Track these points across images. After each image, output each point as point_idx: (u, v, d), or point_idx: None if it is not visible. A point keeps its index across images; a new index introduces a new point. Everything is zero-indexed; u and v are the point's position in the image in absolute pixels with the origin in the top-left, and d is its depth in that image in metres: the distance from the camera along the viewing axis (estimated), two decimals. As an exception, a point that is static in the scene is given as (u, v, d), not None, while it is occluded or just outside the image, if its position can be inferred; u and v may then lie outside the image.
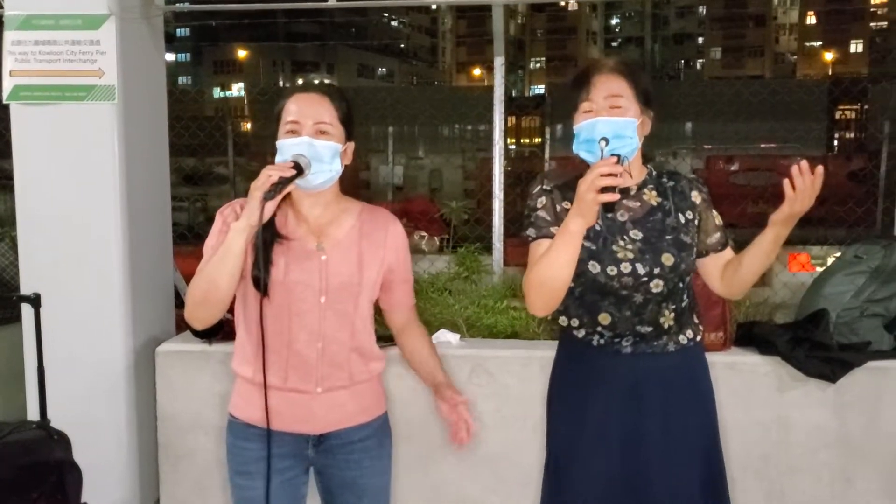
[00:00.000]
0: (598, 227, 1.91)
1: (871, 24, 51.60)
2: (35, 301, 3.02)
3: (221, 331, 3.07)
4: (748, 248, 1.96)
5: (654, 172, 2.09)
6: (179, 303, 3.62)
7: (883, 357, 2.92)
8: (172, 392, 3.07)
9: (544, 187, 2.08)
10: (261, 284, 1.89)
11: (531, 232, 2.03)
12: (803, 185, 1.75)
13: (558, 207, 2.02)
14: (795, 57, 60.80)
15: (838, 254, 3.34)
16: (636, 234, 2.00)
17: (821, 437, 2.89)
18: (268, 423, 1.90)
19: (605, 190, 1.70)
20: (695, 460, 2.07)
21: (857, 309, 3.01)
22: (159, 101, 3.42)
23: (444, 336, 3.09)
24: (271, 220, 1.91)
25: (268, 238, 1.90)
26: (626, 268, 1.96)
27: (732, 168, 12.45)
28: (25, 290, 3.08)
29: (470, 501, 3.00)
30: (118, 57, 3.04)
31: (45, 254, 3.11)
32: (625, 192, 1.89)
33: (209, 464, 3.05)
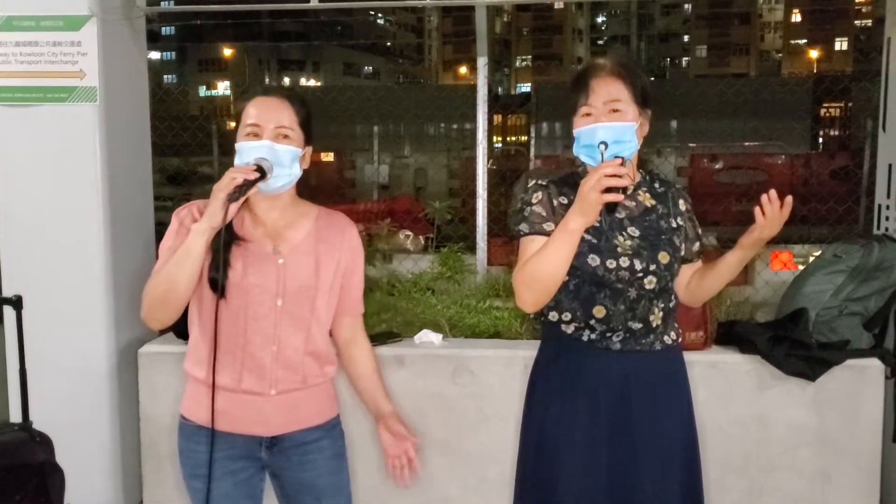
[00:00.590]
0: (597, 224, 1.93)
1: (856, 21, 51.93)
2: (17, 303, 3.00)
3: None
4: (712, 266, 2.05)
5: (648, 177, 2.14)
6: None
7: (861, 355, 2.95)
8: (155, 393, 3.07)
9: (540, 182, 2.10)
10: (218, 286, 1.90)
11: (524, 227, 2.04)
12: (772, 213, 1.86)
13: (555, 202, 2.04)
14: (780, 55, 61.14)
15: (819, 252, 3.37)
16: (634, 230, 2.03)
17: (800, 435, 2.92)
18: (212, 422, 1.91)
19: (608, 190, 1.74)
20: (676, 461, 2.09)
21: (837, 308, 3.04)
22: (141, 103, 3.42)
23: (427, 336, 3.10)
24: (228, 223, 1.91)
25: (226, 240, 1.90)
26: (624, 262, 1.99)
27: (717, 166, 12.50)
28: (7, 292, 3.07)
29: (452, 500, 3.02)
30: (100, 58, 3.04)
31: (27, 256, 3.10)
32: (622, 190, 1.92)
33: (193, 465, 3.04)
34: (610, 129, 1.91)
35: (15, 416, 3.07)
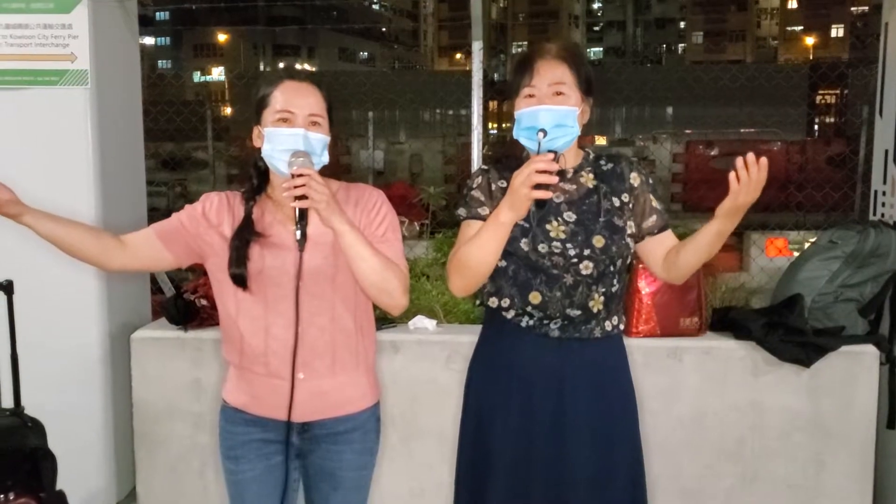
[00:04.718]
0: (532, 209, 1.86)
1: (852, 8, 51.81)
2: (7, 288, 2.97)
3: (196, 317, 3.06)
4: (690, 238, 1.93)
5: (592, 156, 2.09)
6: (155, 289, 3.59)
7: (856, 342, 2.95)
8: (148, 379, 3.05)
9: (483, 167, 2.11)
10: (240, 281, 1.90)
11: (462, 211, 2.04)
12: (747, 177, 1.72)
13: (493, 186, 2.03)
14: (777, 41, 61.03)
15: (815, 238, 3.37)
16: (570, 215, 2.00)
17: (795, 421, 2.92)
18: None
19: (538, 187, 1.71)
20: (616, 450, 2.06)
21: (832, 294, 3.04)
22: (133, 86, 3.39)
23: (422, 322, 3.09)
24: (249, 220, 1.92)
25: (247, 238, 1.90)
26: (556, 247, 1.96)
27: (712, 153, 12.51)
28: (-3, 277, 3.04)
29: (445, 486, 3.00)
30: (91, 41, 3.00)
31: (18, 240, 3.05)
32: (561, 174, 1.88)
33: (185, 450, 3.04)
34: (552, 113, 1.88)
35: (7, 402, 3.05)
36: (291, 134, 1.86)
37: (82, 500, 3.07)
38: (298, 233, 1.81)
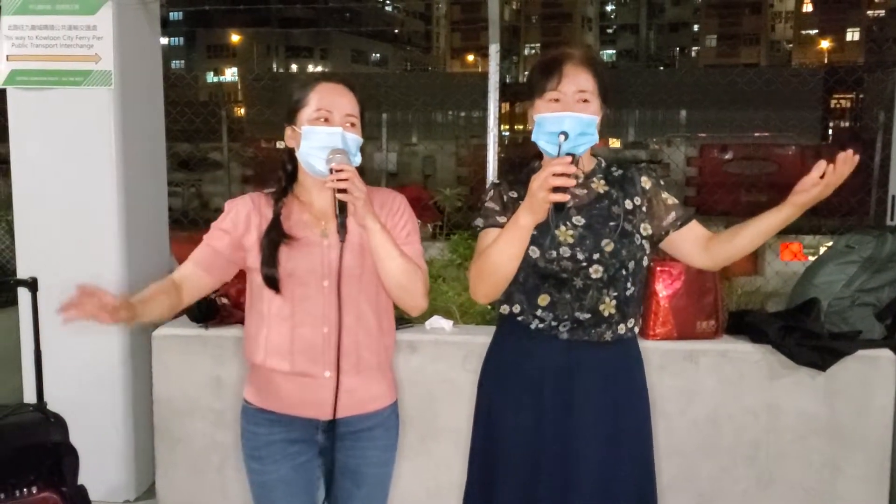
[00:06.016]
0: (550, 212, 1.86)
1: (868, 12, 51.49)
2: (32, 285, 3.02)
3: (217, 316, 3.09)
4: (748, 224, 1.95)
5: (604, 163, 2.11)
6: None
7: (873, 346, 2.95)
8: (168, 376, 3.09)
9: (494, 182, 2.14)
10: (271, 281, 1.93)
11: (479, 222, 2.06)
12: (833, 174, 1.78)
13: (505, 197, 2.05)
14: (791, 45, 60.75)
15: (830, 243, 3.37)
16: (579, 220, 2.00)
17: (810, 424, 2.93)
18: None
19: (556, 190, 1.72)
20: (625, 452, 2.06)
21: (848, 298, 3.05)
22: (156, 86, 3.43)
23: (438, 322, 3.12)
24: (277, 220, 1.95)
25: (275, 239, 1.93)
26: (565, 252, 1.97)
27: (726, 157, 12.47)
28: (22, 274, 3.09)
29: (461, 486, 3.02)
30: (115, 42, 3.04)
31: (42, 238, 3.12)
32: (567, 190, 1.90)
33: (205, 447, 3.07)
34: (577, 121, 1.88)
35: (30, 398, 3.10)
36: (330, 132, 1.89)
37: (102, 495, 3.12)
38: (339, 224, 1.84)
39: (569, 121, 1.88)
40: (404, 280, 1.91)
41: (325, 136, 1.89)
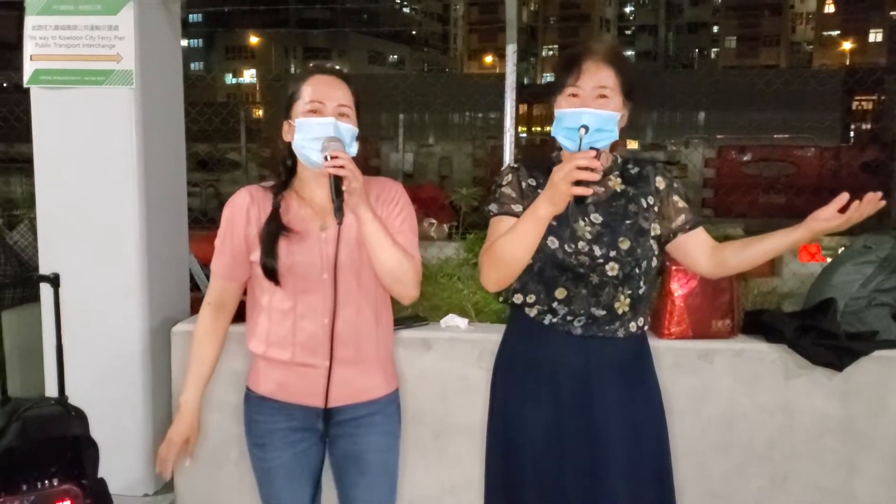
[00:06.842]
0: (570, 205, 1.86)
1: (892, 13, 50.95)
2: (54, 281, 3.07)
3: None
4: (758, 239, 1.96)
5: (621, 160, 2.11)
6: (194, 285, 3.67)
7: (890, 346, 2.93)
8: (188, 371, 3.11)
9: (512, 165, 2.13)
10: (271, 273, 1.97)
11: (493, 207, 2.06)
12: (858, 215, 1.83)
13: (523, 184, 2.05)
14: (812, 46, 60.27)
15: (849, 243, 3.35)
16: (597, 217, 2.02)
17: (826, 425, 2.92)
18: None
19: (579, 183, 1.72)
20: (644, 447, 2.08)
21: (865, 298, 3.03)
22: (176, 87, 3.46)
23: (453, 321, 3.13)
24: (276, 213, 1.98)
25: (274, 231, 1.97)
26: (583, 247, 1.98)
27: (745, 158, 12.40)
28: (44, 270, 3.14)
29: (475, 483, 3.04)
30: (136, 42, 3.08)
31: (64, 235, 3.16)
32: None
33: (222, 441, 3.10)
34: (595, 116, 1.89)
35: (51, 391, 3.15)
36: (321, 123, 1.92)
37: (122, 489, 3.15)
38: (335, 207, 1.86)
39: (586, 116, 1.89)
40: (395, 269, 1.95)
41: (317, 126, 1.91)
